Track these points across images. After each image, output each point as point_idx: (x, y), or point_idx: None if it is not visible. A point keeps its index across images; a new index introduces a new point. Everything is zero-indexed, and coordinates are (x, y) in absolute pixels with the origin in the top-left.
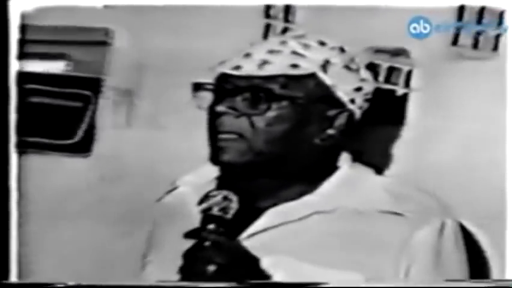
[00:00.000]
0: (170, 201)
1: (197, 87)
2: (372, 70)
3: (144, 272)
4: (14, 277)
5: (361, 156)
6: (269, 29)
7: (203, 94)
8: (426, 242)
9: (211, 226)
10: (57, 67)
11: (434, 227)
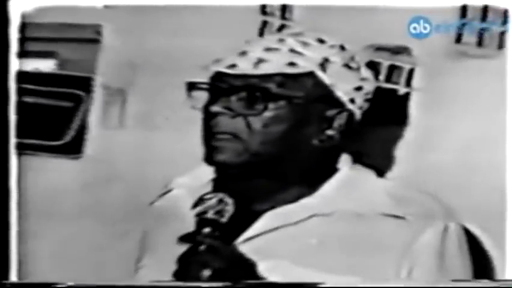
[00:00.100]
0: (163, 204)
1: (191, 86)
2: (372, 69)
3: (137, 276)
4: (14, 277)
5: (361, 157)
6: (265, 27)
7: (197, 94)
8: (429, 246)
9: (206, 230)
10: (46, 66)
11: (437, 231)
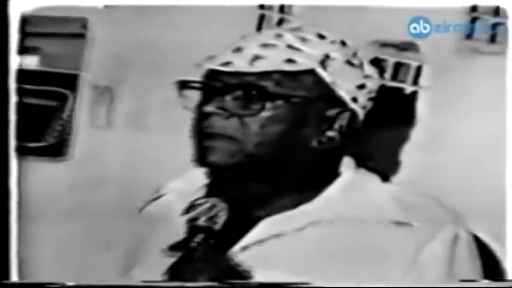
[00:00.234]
0: (154, 210)
1: (183, 85)
2: (377, 66)
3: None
4: (14, 277)
5: (365, 161)
6: (263, 21)
7: (189, 93)
8: (437, 255)
9: (198, 238)
10: (29, 62)
11: (446, 239)
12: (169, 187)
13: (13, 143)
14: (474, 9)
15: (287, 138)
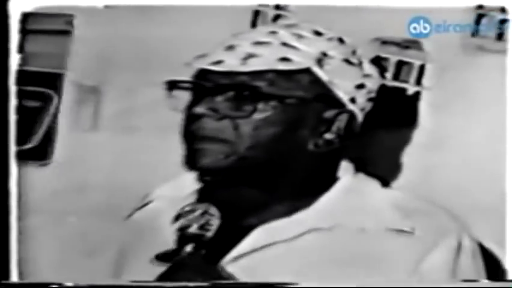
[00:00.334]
0: (142, 218)
1: (172, 85)
2: (378, 65)
3: None
4: (14, 277)
5: (364, 165)
6: (258, 17)
7: (179, 93)
8: (440, 265)
9: (188, 247)
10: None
11: (450, 248)
12: (158, 193)
13: (13, 146)
14: (480, 7)
15: (282, 141)
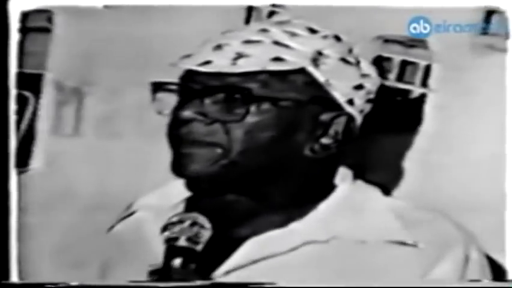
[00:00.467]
0: (125, 229)
1: (157, 87)
2: (380, 65)
3: None
4: (14, 277)
5: (364, 171)
6: (252, 13)
7: (164, 96)
8: (445, 280)
9: (177, 261)
10: None
11: (456, 261)
12: (142, 202)
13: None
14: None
15: (276, 146)
